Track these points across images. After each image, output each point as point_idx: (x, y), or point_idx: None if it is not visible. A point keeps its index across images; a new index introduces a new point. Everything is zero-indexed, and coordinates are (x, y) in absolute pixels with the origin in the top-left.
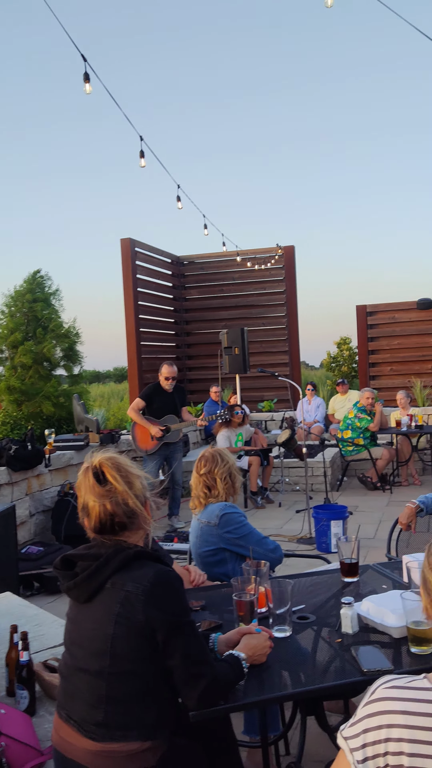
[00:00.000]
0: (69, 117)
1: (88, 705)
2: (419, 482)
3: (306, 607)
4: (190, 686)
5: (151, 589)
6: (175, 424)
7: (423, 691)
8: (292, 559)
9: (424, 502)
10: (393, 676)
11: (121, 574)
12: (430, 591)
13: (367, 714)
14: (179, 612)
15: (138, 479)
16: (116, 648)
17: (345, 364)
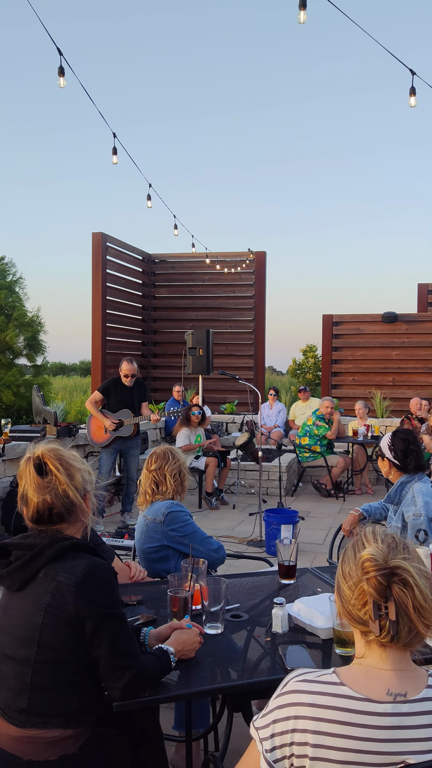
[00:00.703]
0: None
1: (12, 692)
2: (372, 491)
3: (241, 606)
4: (115, 677)
5: (82, 579)
6: (128, 419)
7: (330, 685)
8: (239, 561)
9: (368, 510)
10: (305, 670)
11: (54, 564)
12: (342, 596)
13: (277, 705)
14: (108, 603)
15: (79, 472)
16: (43, 637)
17: (310, 371)
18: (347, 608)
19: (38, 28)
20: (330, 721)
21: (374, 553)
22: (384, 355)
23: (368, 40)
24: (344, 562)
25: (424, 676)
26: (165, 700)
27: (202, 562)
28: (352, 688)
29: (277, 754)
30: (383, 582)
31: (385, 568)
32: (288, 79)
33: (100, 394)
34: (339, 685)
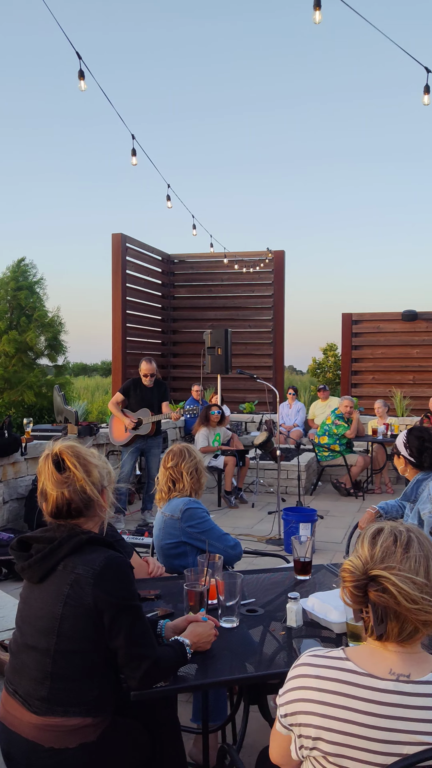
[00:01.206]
0: (64, 113)
1: (33, 681)
2: (392, 490)
3: (256, 601)
4: (132, 666)
5: (100, 572)
6: (146, 417)
7: (336, 659)
8: (257, 559)
9: (384, 507)
10: (317, 648)
11: (73, 557)
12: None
13: (290, 677)
14: (126, 595)
15: (96, 468)
16: (63, 627)
17: (330, 370)
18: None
19: (58, 31)
20: (333, 693)
21: (353, 562)
22: (404, 353)
23: (384, 40)
24: (355, 555)
25: (431, 661)
26: (181, 690)
27: (218, 558)
28: (356, 664)
29: (289, 720)
30: (357, 593)
31: (361, 578)
32: (309, 80)
33: (121, 395)
34: (344, 660)
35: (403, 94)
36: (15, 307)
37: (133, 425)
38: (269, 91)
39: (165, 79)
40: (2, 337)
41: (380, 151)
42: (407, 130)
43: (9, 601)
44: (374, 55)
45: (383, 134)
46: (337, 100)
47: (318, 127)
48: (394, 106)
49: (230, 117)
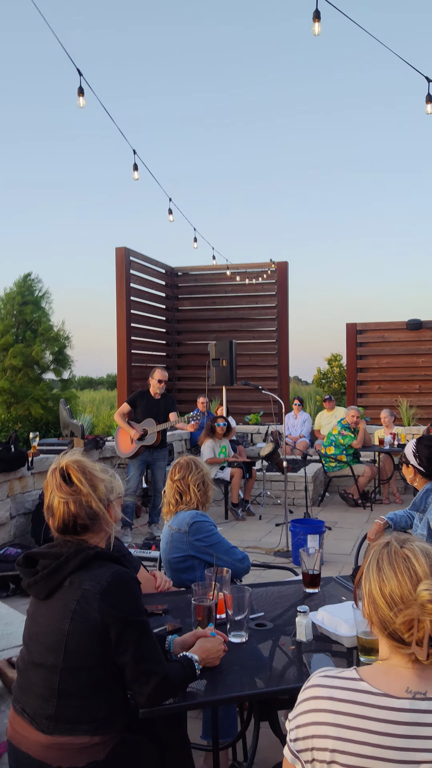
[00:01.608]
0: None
1: (41, 699)
2: (400, 500)
3: (265, 615)
4: (141, 683)
5: (107, 587)
6: (151, 427)
7: (349, 680)
8: (265, 572)
9: (393, 518)
10: (329, 668)
11: (80, 573)
12: (380, 613)
13: (301, 699)
14: (133, 611)
15: (102, 483)
16: (70, 644)
17: (335, 380)
18: (385, 626)
19: (57, 46)
20: (347, 715)
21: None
22: (410, 362)
23: (383, 50)
24: (383, 582)
25: None
26: (191, 707)
27: (226, 571)
28: (370, 684)
29: (299, 745)
30: None
31: None
32: (309, 90)
33: (128, 406)
34: (357, 681)
35: (404, 103)
36: (21, 321)
37: (138, 435)
38: (270, 102)
39: (166, 93)
40: (9, 351)
41: (383, 160)
42: (409, 139)
43: (17, 617)
44: (374, 65)
45: (385, 143)
46: (338, 109)
47: (319, 138)
48: (395, 115)
49: (230, 129)
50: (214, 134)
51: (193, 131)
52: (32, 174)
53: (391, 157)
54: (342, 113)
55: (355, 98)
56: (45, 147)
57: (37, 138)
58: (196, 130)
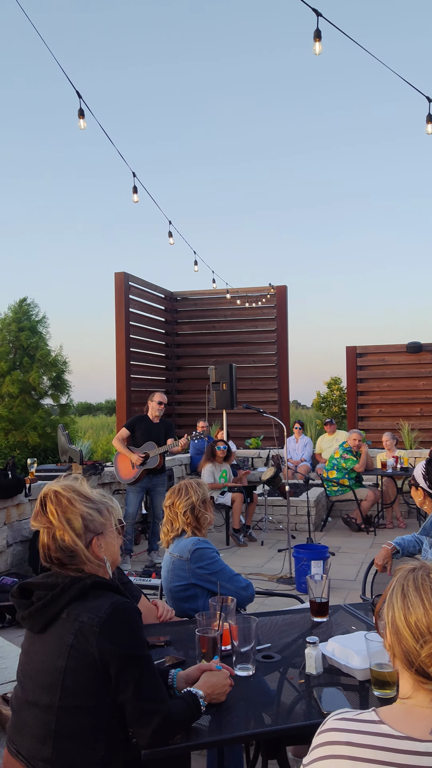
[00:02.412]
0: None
1: (36, 740)
2: (404, 525)
3: (273, 646)
4: (143, 723)
5: (105, 620)
6: (153, 450)
7: (369, 723)
8: (269, 599)
9: (401, 543)
10: (346, 709)
11: (77, 604)
12: (404, 645)
13: (316, 744)
14: (133, 645)
15: (79, 516)
16: (67, 681)
17: (335, 404)
18: (409, 659)
19: (58, 71)
20: (367, 761)
21: None
22: (410, 385)
23: (385, 72)
24: (408, 610)
25: None
26: (196, 747)
27: (231, 600)
28: (392, 727)
29: None
30: None
31: None
32: (311, 119)
33: (126, 431)
34: (378, 724)
35: (405, 126)
36: (18, 347)
37: (140, 460)
38: (272, 132)
39: (167, 117)
40: (5, 379)
41: (382, 184)
42: (409, 163)
43: (12, 650)
44: (374, 89)
45: (384, 168)
46: (337, 135)
47: (319, 164)
48: (395, 139)
49: (232, 156)
50: (216, 159)
51: (195, 156)
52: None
53: (392, 182)
54: (342, 139)
55: (355, 125)
56: (43, 170)
57: (35, 162)
58: (198, 154)
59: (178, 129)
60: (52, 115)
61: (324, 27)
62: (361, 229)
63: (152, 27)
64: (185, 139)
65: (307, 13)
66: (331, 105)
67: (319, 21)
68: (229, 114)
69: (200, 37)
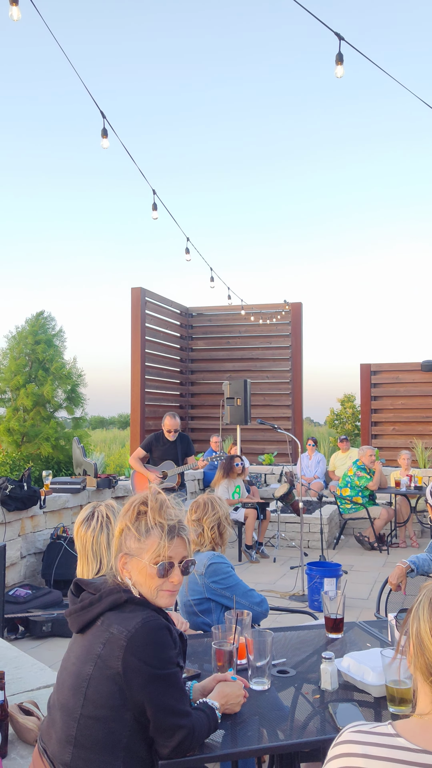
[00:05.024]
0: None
1: (59, 743)
2: (417, 544)
3: (287, 661)
4: (166, 736)
5: (134, 635)
6: (171, 470)
7: (385, 736)
8: (282, 616)
9: (415, 562)
10: (362, 722)
11: (112, 614)
12: (428, 656)
13: (333, 756)
14: (159, 663)
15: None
16: (90, 690)
17: (348, 421)
18: (431, 670)
19: (82, 90)
20: None
21: None
22: (425, 403)
23: (399, 90)
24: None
25: None
26: (211, 760)
27: (247, 614)
28: (408, 740)
29: None
30: None
31: None
32: (327, 134)
33: (143, 451)
34: (394, 737)
35: (414, 139)
36: (33, 360)
37: (158, 480)
38: (288, 146)
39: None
40: (20, 392)
41: (395, 200)
42: (423, 180)
43: (26, 660)
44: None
45: (400, 185)
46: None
47: (334, 180)
48: (409, 155)
49: (250, 172)
50: (233, 175)
51: (213, 172)
52: (49, 210)
53: (407, 198)
54: (359, 155)
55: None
56: (64, 184)
57: (56, 175)
58: (216, 171)
59: (198, 145)
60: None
61: (345, 49)
62: (379, 245)
63: (169, 38)
64: (204, 154)
65: (330, 34)
66: (347, 118)
67: (341, 44)
68: (246, 128)
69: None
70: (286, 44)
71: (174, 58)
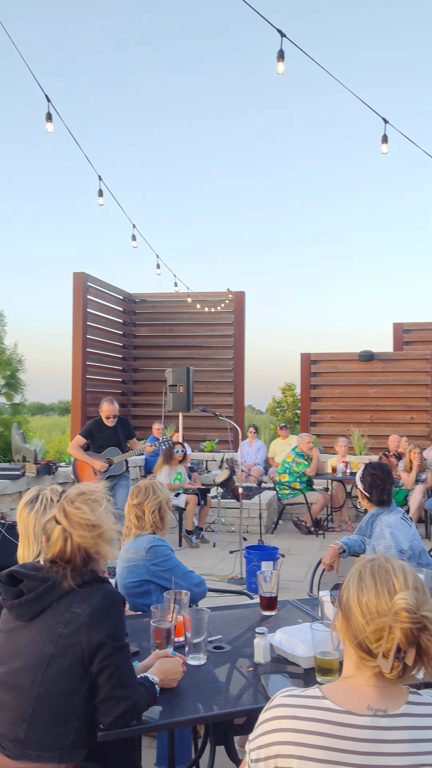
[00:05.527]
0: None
1: (10, 722)
2: (351, 528)
3: (223, 637)
4: (110, 706)
5: (96, 611)
6: (117, 456)
7: (313, 698)
8: (219, 598)
9: (347, 543)
10: (292, 687)
11: (69, 596)
12: (353, 623)
13: (264, 719)
14: (119, 635)
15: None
16: (51, 668)
17: (289, 409)
18: (356, 635)
19: (25, 73)
20: (311, 733)
21: (410, 603)
22: (362, 392)
23: (343, 93)
24: (361, 591)
25: (405, 693)
26: (149, 730)
27: (185, 594)
28: (333, 702)
29: (261, 766)
30: (414, 633)
31: (419, 621)
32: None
33: (83, 438)
34: (321, 699)
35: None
36: None
37: (105, 468)
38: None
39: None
40: None
41: (339, 196)
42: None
43: None
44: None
45: (345, 180)
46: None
47: (277, 174)
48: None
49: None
50: (182, 166)
51: (162, 162)
52: None
53: (349, 196)
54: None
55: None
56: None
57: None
58: (165, 161)
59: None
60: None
61: (287, 47)
62: (320, 238)
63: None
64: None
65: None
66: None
67: (283, 42)
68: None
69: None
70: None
71: (124, 45)
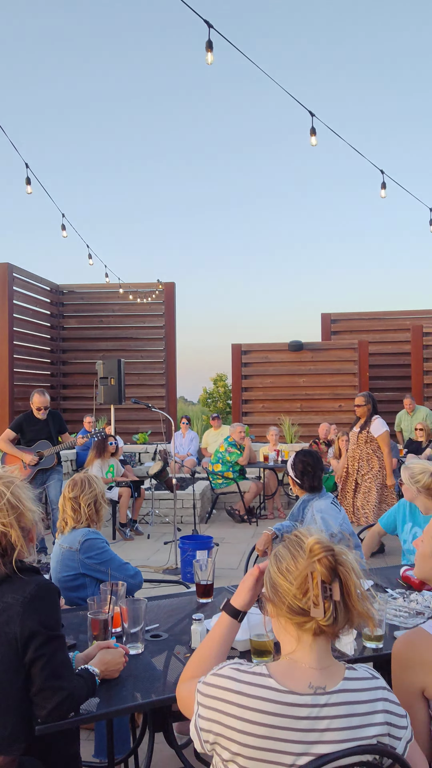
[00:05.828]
0: None
1: None
2: (284, 515)
3: (160, 626)
4: (45, 696)
5: (30, 600)
6: (47, 449)
7: (258, 676)
8: (156, 589)
9: (280, 529)
10: (242, 661)
11: (2, 586)
12: (280, 593)
13: (213, 684)
14: (53, 625)
15: (29, 512)
16: None
17: (220, 400)
18: (287, 602)
19: None
20: (253, 710)
21: (320, 538)
22: (291, 382)
23: (272, 86)
24: (279, 561)
25: (342, 669)
26: (87, 721)
27: (122, 585)
28: (277, 681)
29: (203, 725)
30: (332, 561)
31: (330, 549)
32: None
33: (12, 432)
34: (266, 677)
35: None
36: None
37: (35, 461)
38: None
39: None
40: None
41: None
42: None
43: None
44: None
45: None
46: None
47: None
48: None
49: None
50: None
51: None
52: None
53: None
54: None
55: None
56: None
57: None
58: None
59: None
60: None
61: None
62: (250, 230)
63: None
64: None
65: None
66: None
67: (211, 32)
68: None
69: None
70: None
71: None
